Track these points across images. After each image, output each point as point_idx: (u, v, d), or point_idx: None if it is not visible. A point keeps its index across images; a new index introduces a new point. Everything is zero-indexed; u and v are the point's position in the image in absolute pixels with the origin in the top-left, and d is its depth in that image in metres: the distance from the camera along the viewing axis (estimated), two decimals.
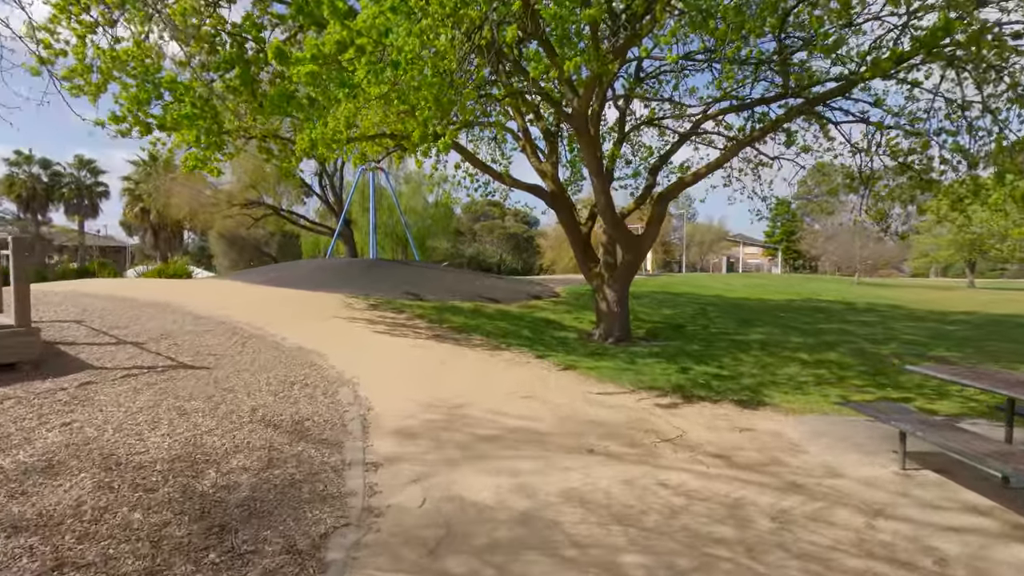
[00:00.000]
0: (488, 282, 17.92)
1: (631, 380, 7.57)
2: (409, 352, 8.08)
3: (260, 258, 35.42)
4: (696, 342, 11.39)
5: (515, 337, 10.47)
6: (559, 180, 11.91)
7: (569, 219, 11.79)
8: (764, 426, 5.99)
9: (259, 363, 6.69)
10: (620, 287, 11.24)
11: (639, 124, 12.63)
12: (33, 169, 39.89)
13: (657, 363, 8.91)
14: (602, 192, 10.17)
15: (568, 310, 14.94)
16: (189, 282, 14.46)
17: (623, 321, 11.35)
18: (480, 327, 11.00)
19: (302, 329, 8.94)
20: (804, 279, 33.77)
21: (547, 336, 11.22)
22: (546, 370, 7.97)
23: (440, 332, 10.20)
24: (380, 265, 17.21)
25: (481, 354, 8.54)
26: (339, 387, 6.06)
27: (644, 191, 11.51)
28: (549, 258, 42.92)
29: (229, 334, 8.07)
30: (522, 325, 12.06)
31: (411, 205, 33.19)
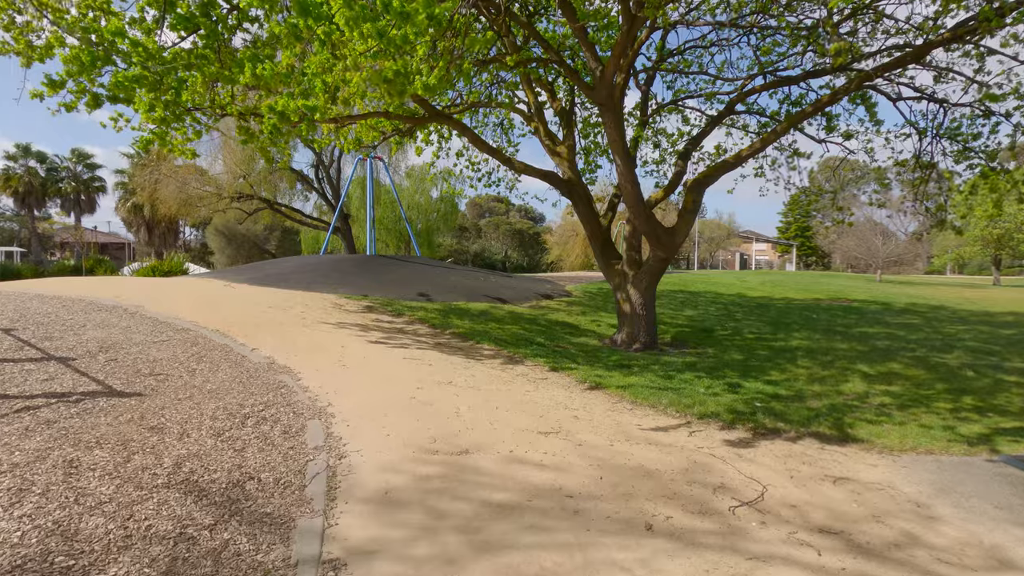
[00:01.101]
0: (496, 280, 16.44)
1: (674, 403, 6.08)
2: (405, 368, 6.61)
3: (259, 254, 34.03)
4: (733, 350, 9.89)
5: (528, 345, 9.00)
6: (575, 166, 10.41)
7: (587, 210, 10.30)
8: (864, 473, 4.50)
9: (212, 386, 5.23)
10: (646, 287, 9.76)
11: (665, 105, 11.10)
12: (30, 163, 38.59)
13: (697, 378, 7.43)
14: (629, 178, 8.66)
15: (583, 311, 13.46)
16: (165, 281, 13.03)
17: (649, 325, 9.87)
18: (489, 333, 9.53)
19: (279, 338, 7.49)
20: (822, 276, 32.15)
21: (563, 342, 9.74)
22: (569, 389, 6.49)
23: (443, 339, 8.74)
24: (379, 262, 15.76)
25: (491, 369, 7.07)
26: (307, 421, 4.60)
27: (674, 178, 10.00)
28: (555, 254, 41.39)
29: (187, 345, 6.62)
30: (535, 329, 10.59)
31: (414, 201, 31.72)
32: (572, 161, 10.30)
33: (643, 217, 8.92)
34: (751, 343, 10.61)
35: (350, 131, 12.58)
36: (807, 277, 29.88)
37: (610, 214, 11.08)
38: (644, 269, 9.72)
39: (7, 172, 37.98)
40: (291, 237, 37.27)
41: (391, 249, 31.05)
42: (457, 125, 9.74)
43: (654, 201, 9.91)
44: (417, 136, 13.35)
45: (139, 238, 37.80)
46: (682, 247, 48.04)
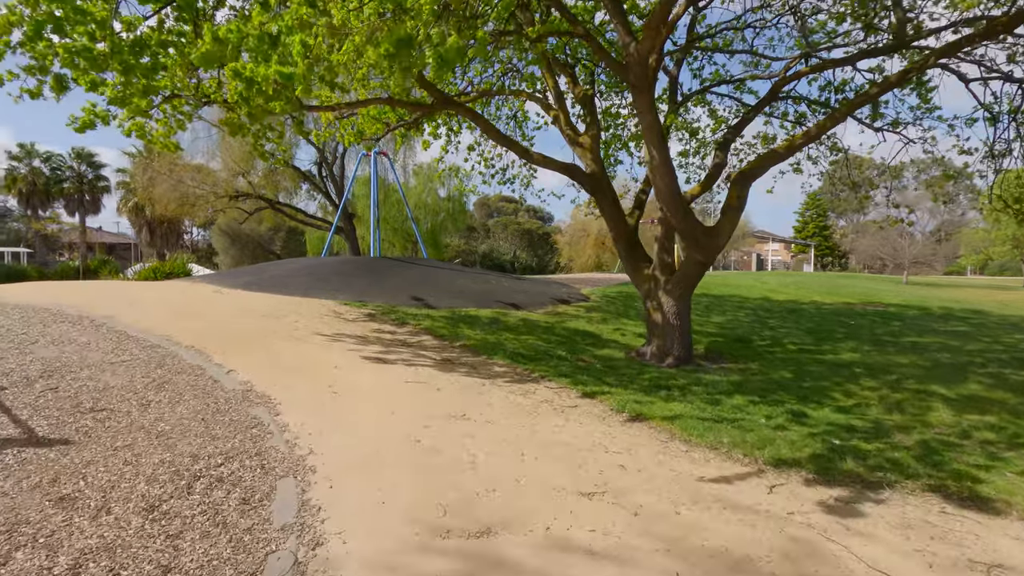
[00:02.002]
0: (507, 283, 15.30)
1: (736, 442, 4.92)
2: (407, 396, 5.48)
3: (264, 255, 33.08)
4: (779, 365, 8.70)
5: (548, 360, 7.85)
6: (600, 157, 9.26)
7: (612, 207, 9.14)
8: (1017, 554, 3.33)
9: (164, 427, 4.13)
10: (680, 294, 8.58)
11: (697, 92, 9.90)
12: (34, 163, 37.82)
13: (751, 403, 6.26)
14: (664, 170, 7.48)
15: (603, 318, 12.29)
16: (153, 286, 11.97)
17: (684, 337, 8.70)
18: (503, 345, 8.39)
19: (263, 356, 6.39)
20: (844, 278, 30.79)
21: (586, 355, 8.59)
22: (605, 421, 5.34)
23: (452, 354, 7.60)
24: (383, 264, 14.66)
25: (510, 394, 5.92)
26: (278, 481, 3.48)
27: (712, 171, 8.81)
28: (566, 255, 40.17)
29: (150, 368, 5.52)
30: (553, 340, 9.44)
31: (421, 200, 30.63)
32: (596, 152, 9.14)
33: (680, 215, 7.74)
34: (796, 356, 9.41)
35: (352, 123, 11.55)
36: (829, 279, 28.55)
37: (637, 212, 9.90)
38: (679, 274, 8.54)
39: (11, 172, 37.23)
40: (296, 238, 36.32)
41: (397, 250, 29.99)
42: (469, 113, 8.62)
43: (690, 197, 8.72)
44: (424, 129, 12.31)
45: (141, 239, 36.92)
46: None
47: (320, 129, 11.79)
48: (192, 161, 20.18)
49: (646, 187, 10.18)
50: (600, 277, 23.44)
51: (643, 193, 10.12)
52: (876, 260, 47.79)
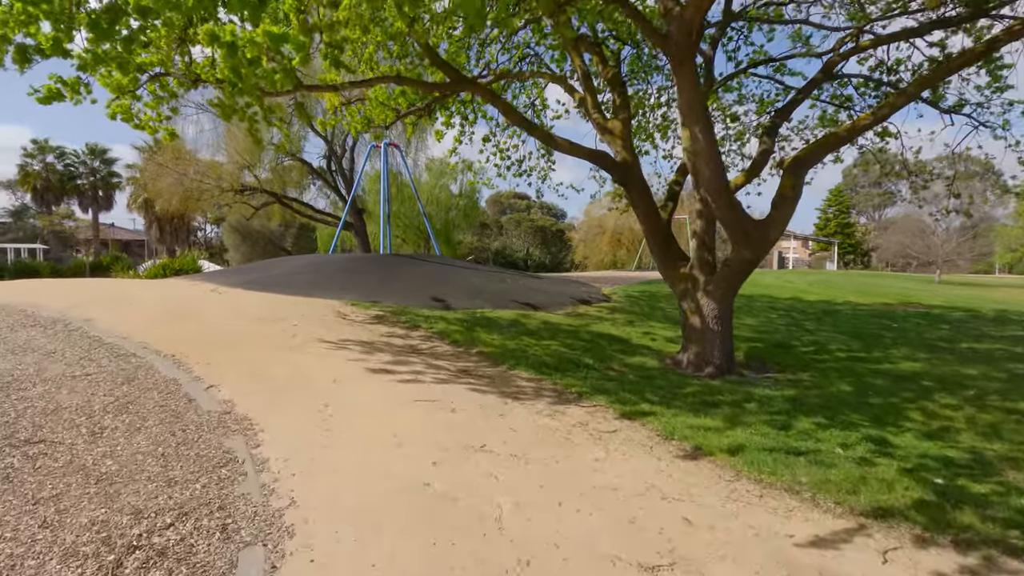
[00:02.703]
0: (524, 282, 14.37)
1: (817, 481, 3.96)
2: (417, 419, 4.58)
3: (275, 252, 32.46)
4: (833, 376, 7.70)
5: (576, 370, 6.92)
6: (631, 144, 8.30)
7: (644, 199, 8.18)
8: None
9: (109, 468, 3.27)
10: (722, 296, 7.62)
11: (742, 70, 8.89)
12: (48, 159, 37.53)
13: (817, 425, 5.29)
14: (709, 155, 6.50)
15: (629, 320, 11.32)
16: (147, 284, 11.20)
17: (725, 344, 7.73)
18: (524, 352, 7.47)
19: (252, 367, 5.53)
20: (871, 277, 29.47)
21: (616, 363, 7.65)
22: (654, 454, 4.40)
23: (468, 363, 6.70)
24: (393, 262, 13.81)
25: (537, 415, 4.99)
26: (240, 553, 2.60)
27: (759, 157, 7.81)
28: (581, 253, 39.09)
29: (116, 384, 4.69)
30: (579, 346, 8.50)
31: (433, 195, 29.78)
32: (627, 139, 8.17)
33: (728, 206, 6.75)
34: (849, 365, 8.39)
35: (359, 109, 10.69)
36: (857, 277, 27.27)
37: (670, 205, 8.93)
38: (721, 273, 7.57)
39: (25, 168, 36.98)
40: (308, 234, 35.66)
41: (409, 247, 29.19)
42: (487, 93, 7.70)
43: (735, 187, 7.73)
44: (436, 118, 11.42)
45: (151, 235, 36.50)
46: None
47: (326, 117, 10.94)
48: (198, 154, 19.53)
49: (679, 178, 9.22)
50: (619, 275, 22.44)
51: (676, 184, 9.14)
52: (899, 258, 46.21)
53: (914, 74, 8.37)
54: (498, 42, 11.06)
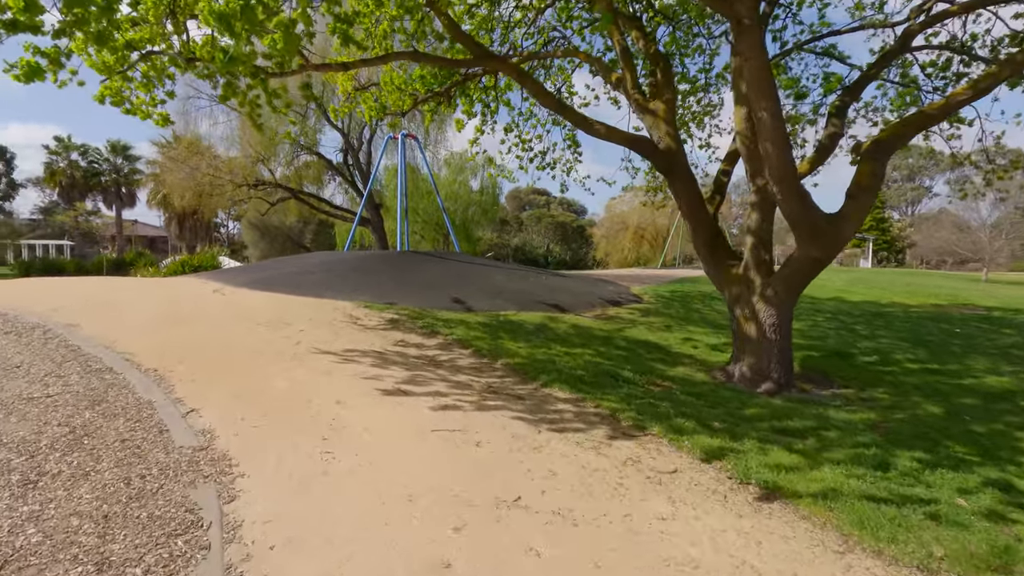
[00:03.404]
0: (548, 281, 13.45)
1: (956, 554, 2.99)
2: (434, 458, 3.71)
3: (293, 249, 31.98)
4: (913, 393, 6.66)
5: (616, 386, 6.00)
6: (676, 129, 7.32)
7: (690, 190, 7.20)
8: None
9: (27, 540, 2.46)
10: (782, 301, 6.63)
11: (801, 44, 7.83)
12: (72, 156, 37.59)
13: (919, 462, 4.30)
14: (777, 137, 5.49)
15: (665, 324, 10.34)
16: (147, 284, 10.52)
17: (784, 355, 6.75)
18: (556, 364, 6.57)
19: (243, 385, 4.72)
20: (911, 275, 27.89)
21: (660, 377, 6.71)
22: (729, 504, 3.47)
23: (494, 378, 5.82)
24: (410, 259, 13.00)
25: (577, 449, 4.09)
26: None
27: (826, 142, 6.76)
28: (603, 249, 37.93)
29: (80, 408, 3.91)
30: (615, 356, 7.57)
31: (452, 191, 28.96)
32: (671, 122, 7.20)
33: (795, 197, 5.74)
34: (925, 380, 7.32)
35: (374, 95, 9.87)
36: (897, 276, 25.78)
37: (717, 198, 7.93)
38: (781, 275, 6.57)
39: (51, 166, 37.11)
40: (327, 230, 35.13)
41: (427, 243, 28.44)
42: (514, 71, 6.79)
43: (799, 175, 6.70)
44: (457, 105, 10.57)
45: (170, 231, 36.34)
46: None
47: (339, 104, 10.12)
48: (212, 148, 18.93)
49: (728, 167, 8.20)
50: (645, 273, 21.38)
51: (724, 174, 8.13)
52: (934, 255, 44.19)
53: (992, 51, 7.28)
54: (522, 25, 10.19)
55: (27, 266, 35.35)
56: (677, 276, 19.70)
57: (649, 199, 11.31)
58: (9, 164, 51.00)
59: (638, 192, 31.66)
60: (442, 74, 9.79)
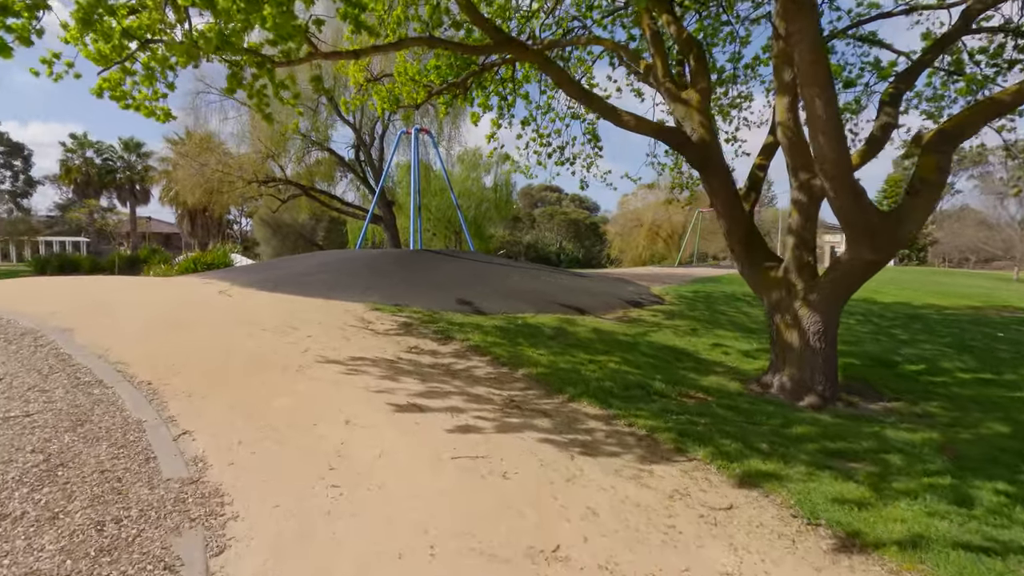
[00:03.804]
0: (566, 281, 12.94)
1: None
2: (454, 491, 3.24)
3: (305, 246, 31.74)
4: (971, 408, 6.09)
5: (647, 400, 5.50)
6: (711, 119, 6.78)
7: (725, 186, 6.67)
8: None
9: None
10: (828, 307, 6.08)
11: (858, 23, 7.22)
12: (87, 153, 37.65)
13: (1000, 494, 3.76)
14: (833, 127, 4.92)
15: (691, 327, 9.79)
16: (151, 284, 10.15)
17: (829, 366, 6.21)
18: (580, 373, 6.08)
19: (244, 401, 4.28)
20: (937, 274, 27.00)
21: (693, 388, 6.19)
22: (800, 554, 2.95)
23: (515, 390, 5.34)
24: (423, 258, 12.55)
25: (616, 478, 3.59)
26: None
27: (880, 132, 6.18)
28: (616, 247, 37.26)
29: (60, 430, 3.48)
30: (642, 363, 7.06)
31: (465, 188, 28.50)
32: (706, 112, 6.65)
33: (849, 193, 5.18)
34: (981, 391, 6.73)
35: (388, 88, 9.43)
36: (921, 275, 24.92)
37: (753, 195, 7.38)
38: (829, 278, 6.01)
39: (66, 163, 37.19)
40: (339, 228, 34.85)
41: (439, 241, 28.02)
42: (537, 57, 6.28)
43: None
44: (473, 98, 10.10)
45: (182, 228, 36.26)
46: None
47: (350, 97, 9.67)
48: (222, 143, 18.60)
49: (763, 161, 7.63)
50: (662, 272, 20.77)
51: (760, 169, 7.57)
52: (956, 253, 43.00)
53: None
54: (539, 16, 9.70)
55: (43, 263, 35.48)
56: (696, 275, 19.08)
57: (674, 196, 10.76)
58: (27, 161, 51.44)
59: (652, 188, 30.99)
60: (458, 64, 9.31)
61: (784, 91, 6.17)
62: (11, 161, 49.97)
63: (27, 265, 37.63)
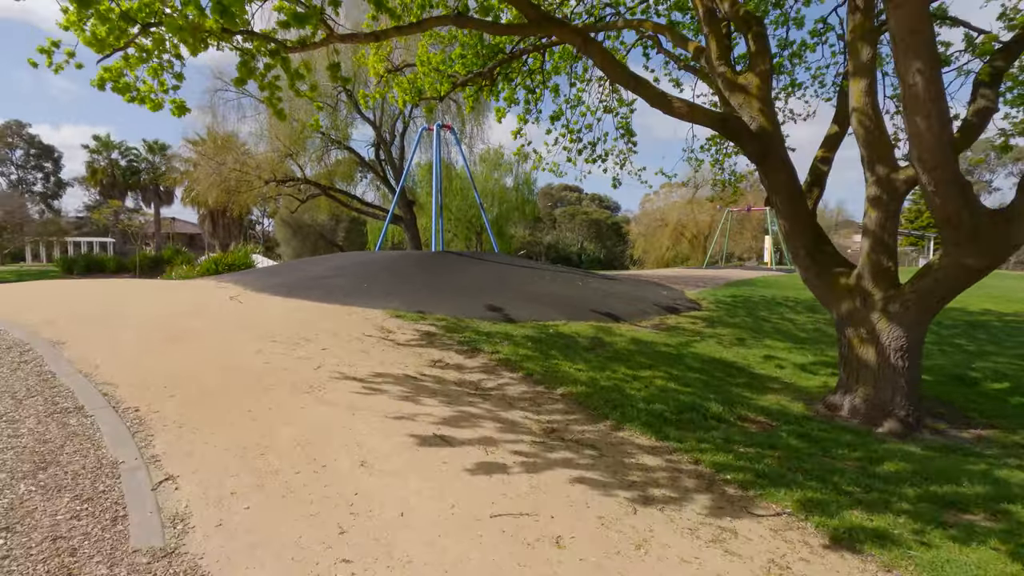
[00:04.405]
0: (596, 284, 12.18)
1: None
2: (492, 563, 2.55)
3: (326, 247, 31.41)
4: None
5: (705, 425, 4.75)
6: (772, 106, 5.98)
7: (789, 181, 5.89)
8: None
9: None
10: (915, 320, 5.27)
11: None
12: (113, 155, 37.92)
13: None
14: (937, 107, 4.12)
15: (737, 336, 8.96)
16: (162, 289, 9.64)
17: (912, 388, 5.38)
18: (624, 392, 5.34)
19: (243, 431, 3.64)
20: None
21: (751, 410, 5.42)
22: None
23: (555, 415, 4.63)
24: (445, 261, 11.91)
25: (694, 542, 2.86)
26: None
27: (976, 118, 5.31)
28: (640, 248, 36.25)
29: (19, 475, 2.87)
30: (692, 380, 6.29)
31: (487, 188, 27.88)
32: (767, 99, 5.87)
33: (954, 188, 4.36)
34: None
35: (411, 80, 8.81)
36: None
37: (815, 190, 6.56)
38: (917, 287, 5.18)
39: (91, 165, 37.51)
40: (359, 228, 34.50)
41: (459, 242, 27.42)
42: (579, 37, 5.54)
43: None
44: (499, 91, 9.46)
45: (204, 229, 36.25)
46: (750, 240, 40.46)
47: (371, 89, 9.05)
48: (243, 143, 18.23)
49: (827, 153, 6.81)
50: (694, 274, 19.84)
51: (823, 162, 6.73)
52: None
53: None
54: (568, 5, 9.02)
55: (70, 263, 35.82)
56: (728, 277, 18.13)
57: (717, 194, 9.94)
58: (57, 163, 52.32)
59: (680, 187, 29.91)
60: (485, 52, 8.65)
61: (861, 73, 5.37)
62: (42, 163, 50.90)
63: (55, 265, 38.10)
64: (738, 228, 32.86)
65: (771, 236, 28.98)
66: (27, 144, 48.65)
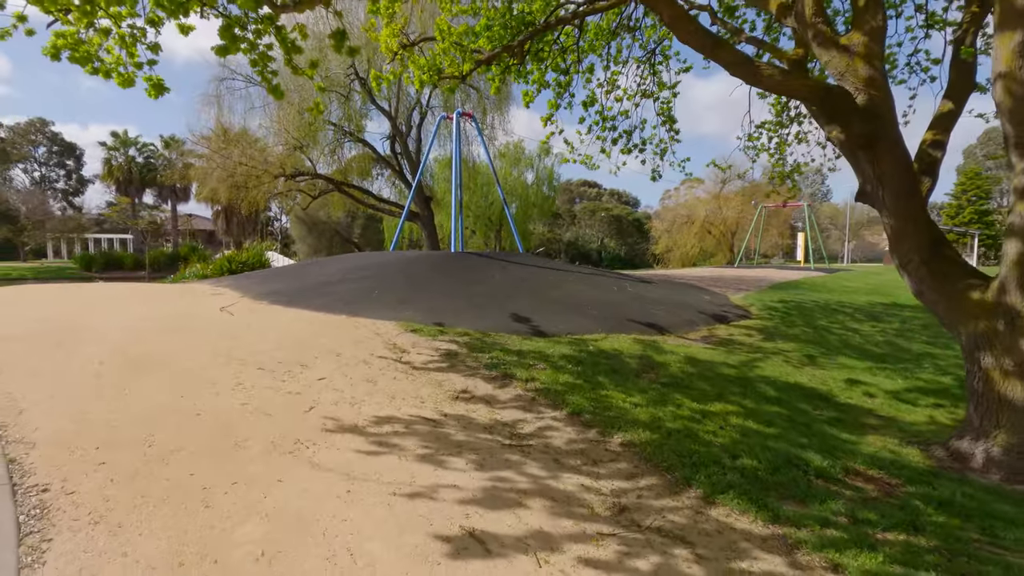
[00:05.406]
0: (631, 289, 10.90)
1: None
2: None
3: (342, 245, 30.51)
4: None
5: (809, 491, 3.52)
6: (883, 72, 4.70)
7: (899, 170, 4.65)
8: None
9: None
10: None
11: None
12: (130, 152, 37.47)
13: None
14: None
15: (804, 352, 7.67)
16: (137, 297, 8.58)
17: None
18: (700, 436, 4.14)
19: (190, 530, 2.51)
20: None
21: (857, 461, 4.18)
22: None
23: (619, 480, 3.44)
24: (466, 263, 10.75)
25: None
26: None
27: None
28: (664, 245, 34.70)
29: None
30: (772, 416, 5.04)
31: (508, 185, 26.64)
32: (878, 64, 4.58)
33: None
34: None
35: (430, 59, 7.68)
36: None
37: (927, 180, 5.25)
38: None
39: (109, 162, 37.09)
40: (375, 225, 33.58)
41: (478, 239, 26.28)
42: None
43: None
44: (527, 73, 8.30)
45: (218, 226, 35.60)
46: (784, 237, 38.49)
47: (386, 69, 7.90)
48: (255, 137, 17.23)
49: (939, 136, 5.48)
50: (728, 274, 18.42)
51: (934, 148, 5.41)
52: None
53: None
54: None
55: (88, 260, 35.52)
56: (770, 279, 16.70)
57: (774, 187, 8.63)
58: (79, 161, 52.33)
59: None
60: (513, 24, 7.47)
61: (1012, 23, 4.07)
62: (64, 161, 50.92)
63: (74, 262, 37.88)
64: (766, 225, 31.18)
65: (803, 234, 27.38)
66: (49, 141, 48.65)
